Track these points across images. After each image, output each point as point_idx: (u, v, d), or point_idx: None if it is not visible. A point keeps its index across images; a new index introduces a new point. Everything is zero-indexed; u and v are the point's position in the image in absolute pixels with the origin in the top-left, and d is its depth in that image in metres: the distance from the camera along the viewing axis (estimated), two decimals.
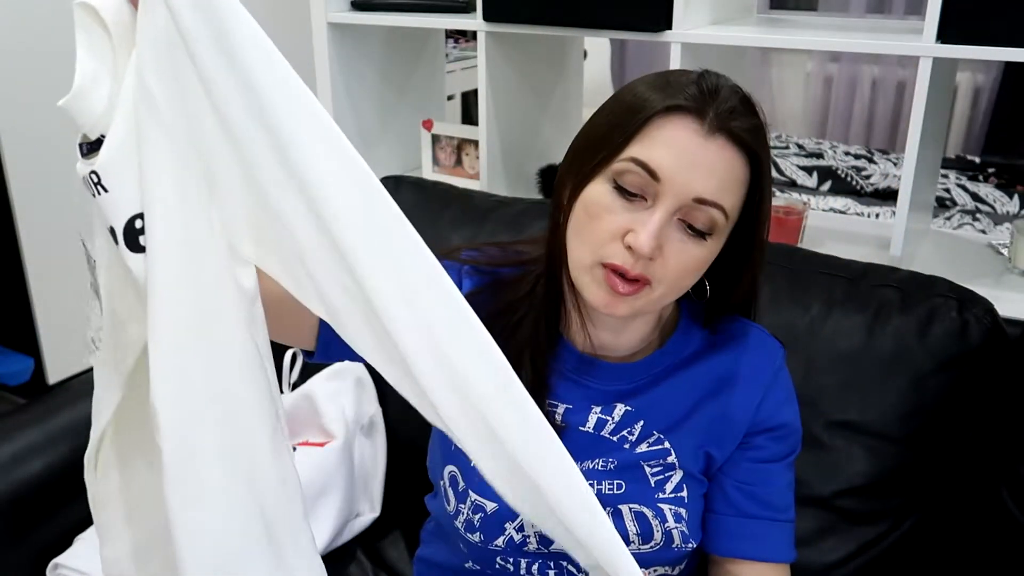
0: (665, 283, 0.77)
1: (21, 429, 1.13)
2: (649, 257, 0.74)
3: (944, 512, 1.07)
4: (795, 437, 0.89)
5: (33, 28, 2.08)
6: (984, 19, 1.19)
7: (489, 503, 0.85)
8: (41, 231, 2.18)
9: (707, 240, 0.76)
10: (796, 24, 1.66)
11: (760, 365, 0.88)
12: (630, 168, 0.75)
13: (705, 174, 0.74)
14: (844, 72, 3.74)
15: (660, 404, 0.87)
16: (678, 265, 0.76)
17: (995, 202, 2.62)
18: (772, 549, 0.87)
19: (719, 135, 0.74)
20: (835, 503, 1.04)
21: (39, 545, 1.03)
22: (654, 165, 0.74)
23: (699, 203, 0.74)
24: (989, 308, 1.07)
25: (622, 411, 0.87)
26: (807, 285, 1.15)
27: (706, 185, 0.74)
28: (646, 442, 0.86)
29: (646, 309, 0.80)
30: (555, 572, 0.87)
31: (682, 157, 0.73)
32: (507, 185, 1.77)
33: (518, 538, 0.85)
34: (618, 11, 1.46)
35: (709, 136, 0.74)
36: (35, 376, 2.27)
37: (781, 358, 0.90)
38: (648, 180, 0.74)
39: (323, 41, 1.79)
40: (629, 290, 0.76)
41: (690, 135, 0.74)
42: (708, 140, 0.74)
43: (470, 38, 3.48)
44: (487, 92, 1.67)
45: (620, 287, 0.76)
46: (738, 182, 0.76)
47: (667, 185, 0.74)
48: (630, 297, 0.76)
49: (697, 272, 0.79)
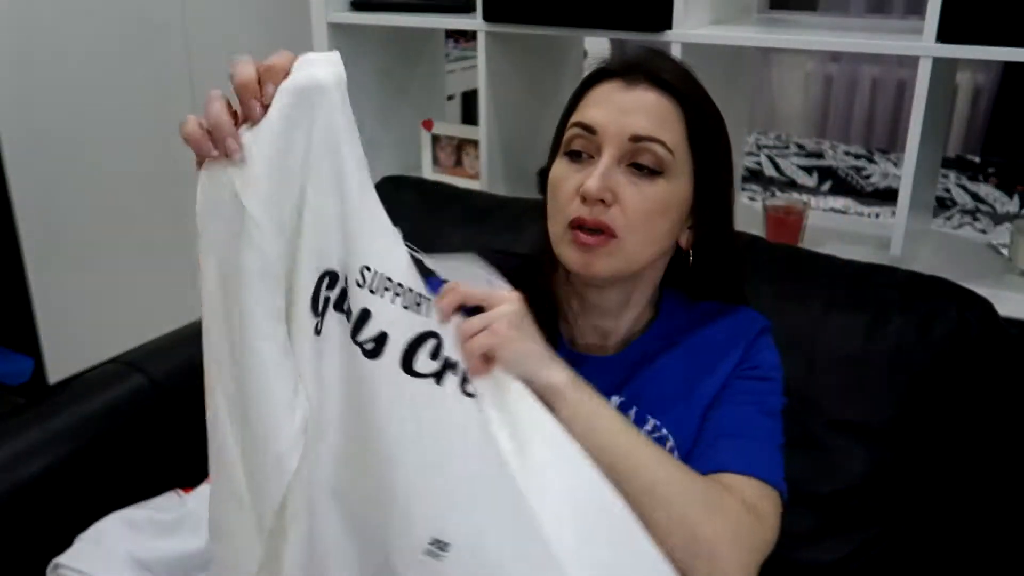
0: (631, 230, 0.80)
1: (21, 429, 1.13)
2: (600, 199, 0.78)
3: (944, 512, 1.07)
4: (774, 381, 0.87)
5: (33, 28, 2.08)
6: (984, 19, 1.19)
7: None
8: (41, 231, 2.18)
9: (660, 179, 0.80)
10: (796, 24, 1.66)
11: (742, 328, 0.89)
12: (572, 133, 0.83)
13: (634, 114, 0.80)
14: (844, 72, 3.74)
15: (649, 388, 0.88)
16: (636, 207, 0.79)
17: (995, 202, 2.62)
18: (738, 461, 0.80)
19: (640, 82, 0.81)
20: (835, 503, 1.04)
21: (39, 545, 1.03)
22: (588, 120, 0.81)
23: (636, 141, 0.79)
24: (989, 308, 1.07)
25: (616, 403, 0.87)
26: (807, 285, 1.15)
27: (637, 122, 0.79)
28: (644, 430, 0.86)
29: (624, 267, 0.82)
30: None
31: (610, 106, 0.81)
32: (507, 185, 1.77)
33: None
34: (618, 11, 1.46)
35: (632, 86, 0.81)
36: (35, 376, 2.27)
37: (764, 326, 0.90)
38: (588, 137, 0.81)
39: (323, 41, 1.79)
40: (593, 240, 0.80)
41: (616, 89, 0.82)
42: (631, 89, 0.81)
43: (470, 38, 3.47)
44: (487, 92, 1.67)
45: (583, 237, 0.80)
46: (671, 118, 0.81)
47: (604, 135, 0.80)
48: (601, 250, 0.80)
49: (661, 214, 0.81)
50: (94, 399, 1.19)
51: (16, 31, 2.05)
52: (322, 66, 0.64)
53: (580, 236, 0.80)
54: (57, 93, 2.16)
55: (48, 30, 2.11)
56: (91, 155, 2.23)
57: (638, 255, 0.82)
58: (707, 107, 0.84)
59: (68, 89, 2.18)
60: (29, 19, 2.07)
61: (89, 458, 1.13)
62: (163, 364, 1.28)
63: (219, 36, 2.48)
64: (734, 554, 0.73)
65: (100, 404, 1.19)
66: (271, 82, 0.64)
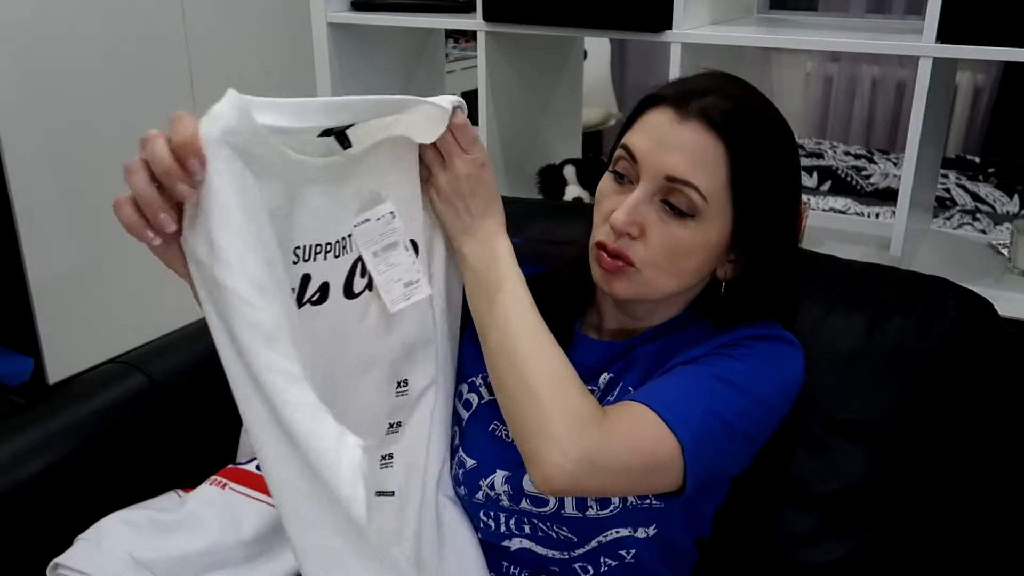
0: (651, 265, 0.80)
1: (21, 429, 1.13)
2: (625, 232, 0.79)
3: (944, 512, 1.07)
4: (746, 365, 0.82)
5: (33, 28, 2.08)
6: (984, 19, 1.19)
7: (469, 459, 0.90)
8: (41, 231, 2.18)
9: (691, 222, 0.79)
10: (796, 24, 1.66)
11: (752, 330, 0.85)
12: (619, 154, 0.83)
13: (676, 153, 0.78)
14: (844, 72, 3.74)
15: (637, 364, 0.88)
16: (660, 245, 0.80)
17: (995, 202, 2.62)
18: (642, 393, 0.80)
19: (692, 119, 0.78)
20: (835, 503, 1.04)
21: (39, 545, 1.03)
22: (633, 147, 0.81)
23: (672, 181, 0.78)
24: (989, 308, 1.07)
25: (606, 379, 0.89)
26: (807, 285, 1.15)
27: (676, 164, 0.78)
28: None
29: (645, 293, 0.83)
30: (529, 528, 0.89)
31: (655, 138, 0.80)
32: (507, 185, 1.77)
33: (492, 494, 0.88)
34: (618, 11, 1.46)
35: (683, 120, 0.79)
36: (35, 376, 2.27)
37: (779, 335, 0.86)
38: (631, 162, 0.81)
39: (323, 41, 1.79)
40: (611, 265, 0.81)
41: (665, 120, 0.80)
42: (681, 124, 0.79)
43: (470, 38, 3.48)
44: (487, 92, 1.67)
45: (603, 261, 0.82)
46: (712, 162, 0.78)
47: (643, 165, 0.80)
48: (620, 274, 0.82)
49: (688, 256, 0.80)
50: (94, 399, 1.19)
51: (16, 31, 2.05)
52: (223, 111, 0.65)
53: (603, 258, 0.82)
54: (57, 93, 2.16)
55: (48, 30, 2.11)
56: (91, 155, 2.23)
57: (658, 286, 0.83)
58: (760, 144, 0.79)
59: (68, 89, 2.18)
60: (29, 19, 2.07)
61: (89, 458, 1.13)
62: (163, 364, 1.28)
63: (219, 36, 2.48)
64: (572, 439, 0.72)
65: (100, 404, 1.19)
66: (190, 158, 0.63)
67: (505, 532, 0.90)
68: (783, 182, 0.83)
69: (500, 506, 0.89)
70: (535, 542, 0.90)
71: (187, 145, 0.62)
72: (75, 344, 2.27)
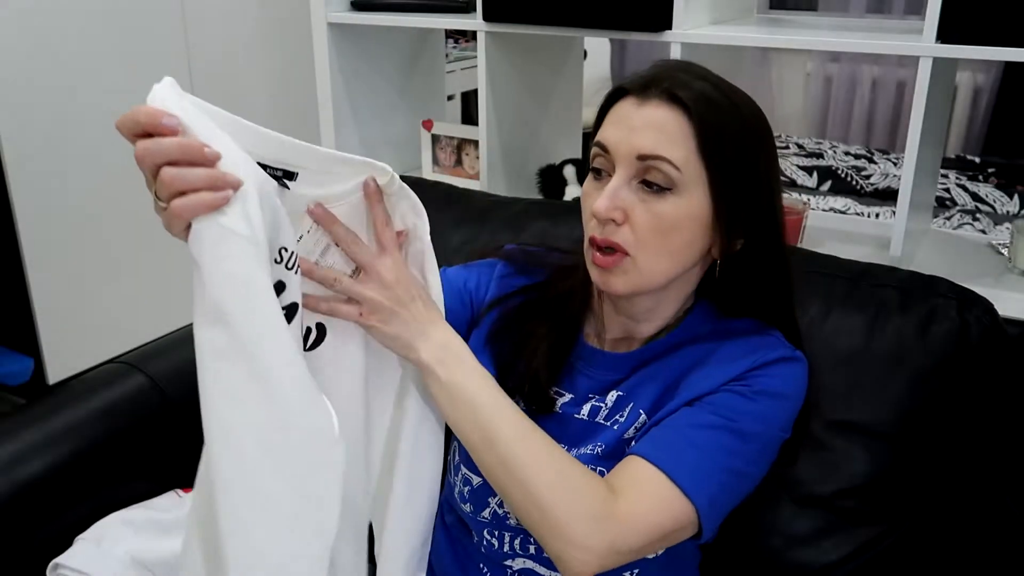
0: (641, 248, 0.80)
1: (21, 429, 1.13)
2: (610, 218, 0.80)
3: (944, 512, 1.07)
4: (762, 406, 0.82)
5: (33, 28, 2.08)
6: (984, 19, 1.19)
7: (475, 477, 0.90)
8: (41, 231, 2.18)
9: (670, 195, 0.79)
10: (796, 24, 1.66)
11: (760, 349, 0.84)
12: (594, 152, 0.84)
13: (642, 132, 0.79)
14: (844, 72, 3.74)
15: (647, 384, 0.88)
16: (645, 224, 0.80)
17: (995, 202, 2.62)
18: (650, 448, 0.79)
19: (652, 98, 0.80)
20: (835, 503, 1.04)
21: (39, 545, 1.03)
22: (604, 140, 0.82)
23: (644, 159, 0.79)
24: (989, 308, 1.07)
25: (615, 397, 0.89)
26: (807, 285, 1.15)
27: (643, 141, 0.79)
28: (633, 426, 0.87)
29: (642, 283, 0.82)
30: (534, 548, 0.89)
31: (621, 125, 0.81)
32: (507, 185, 1.77)
33: (500, 512, 0.88)
34: (618, 11, 1.46)
35: (644, 102, 0.80)
36: (35, 376, 2.27)
37: (785, 356, 0.85)
38: (605, 155, 0.82)
39: (323, 41, 1.79)
40: (606, 261, 0.81)
41: (629, 107, 0.81)
42: (643, 105, 0.80)
43: (470, 38, 3.48)
44: (487, 92, 1.67)
45: (599, 258, 0.82)
46: (679, 133, 0.79)
47: (615, 154, 0.81)
48: (616, 269, 0.81)
49: (672, 229, 0.80)
50: (94, 399, 1.19)
51: (16, 30, 2.05)
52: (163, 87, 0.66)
53: (596, 256, 0.82)
54: (57, 93, 2.16)
55: (48, 29, 2.11)
56: (91, 155, 2.23)
57: (654, 271, 0.82)
58: (723, 111, 0.80)
59: (68, 89, 2.18)
60: (29, 19, 2.07)
61: (89, 458, 1.13)
62: (163, 364, 1.28)
63: (219, 36, 2.48)
64: (591, 538, 0.73)
65: (100, 404, 1.19)
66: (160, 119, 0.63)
67: (508, 552, 0.90)
68: (752, 145, 0.82)
69: (507, 525, 0.89)
70: (538, 563, 0.89)
71: (151, 113, 0.62)
72: (75, 344, 2.27)
